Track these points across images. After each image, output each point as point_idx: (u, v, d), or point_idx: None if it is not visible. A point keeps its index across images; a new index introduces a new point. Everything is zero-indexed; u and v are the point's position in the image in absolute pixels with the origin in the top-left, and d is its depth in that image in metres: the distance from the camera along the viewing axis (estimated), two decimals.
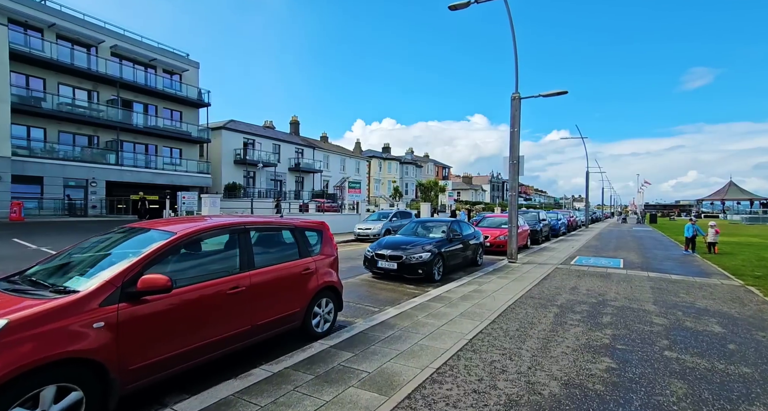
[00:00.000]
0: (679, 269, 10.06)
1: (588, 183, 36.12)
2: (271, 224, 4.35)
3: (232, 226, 3.65)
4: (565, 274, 8.98)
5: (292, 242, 4.37)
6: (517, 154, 10.84)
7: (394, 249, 8.27)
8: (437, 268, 8.34)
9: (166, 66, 28.94)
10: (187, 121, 30.70)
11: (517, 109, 10.76)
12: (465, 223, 10.93)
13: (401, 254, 8.04)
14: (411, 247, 8.29)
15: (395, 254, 8.09)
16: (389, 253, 8.14)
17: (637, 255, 13.10)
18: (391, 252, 8.16)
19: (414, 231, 9.88)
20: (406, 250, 8.14)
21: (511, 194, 10.97)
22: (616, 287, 7.50)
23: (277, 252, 4.23)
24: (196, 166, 30.79)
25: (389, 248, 8.34)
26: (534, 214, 18.76)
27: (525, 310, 5.69)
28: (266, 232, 4.25)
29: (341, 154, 50.83)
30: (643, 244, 17.38)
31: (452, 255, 9.09)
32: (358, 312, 5.87)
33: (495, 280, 8.09)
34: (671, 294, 6.93)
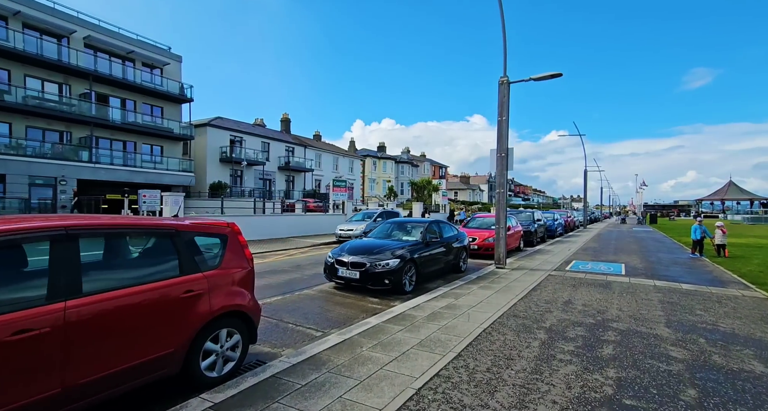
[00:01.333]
0: (689, 276, 8.85)
1: (586, 182, 34.97)
2: (127, 227, 3.09)
3: (41, 231, 2.40)
4: (559, 284, 7.75)
5: (170, 253, 3.13)
6: (505, 145, 9.62)
7: (359, 254, 7.03)
8: (408, 277, 7.10)
9: (145, 59, 27.63)
10: (169, 117, 29.38)
11: (506, 95, 9.54)
12: (447, 223, 9.71)
13: (364, 261, 6.80)
14: (378, 252, 7.05)
15: (357, 261, 6.85)
16: (351, 260, 6.90)
17: (640, 259, 11.89)
18: (353, 258, 6.92)
19: (387, 233, 8.64)
20: (370, 256, 6.90)
21: (499, 191, 9.75)
22: (618, 301, 6.27)
23: (137, 268, 3.00)
24: (179, 165, 29.46)
25: (353, 253, 7.10)
26: (528, 213, 17.55)
27: (503, 336, 4.45)
28: (118, 238, 3.00)
29: (334, 152, 49.60)
30: (645, 246, 16.18)
31: (429, 261, 7.86)
32: (292, 338, 4.63)
33: (475, 292, 6.86)
34: (686, 311, 5.70)
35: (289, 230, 18.16)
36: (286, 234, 17.95)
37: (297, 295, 6.68)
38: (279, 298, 6.40)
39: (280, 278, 8.28)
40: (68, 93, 23.48)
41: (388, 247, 7.26)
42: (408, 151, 70.55)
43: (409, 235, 8.26)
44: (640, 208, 62.44)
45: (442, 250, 8.57)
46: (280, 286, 7.43)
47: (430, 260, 7.95)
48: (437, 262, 8.33)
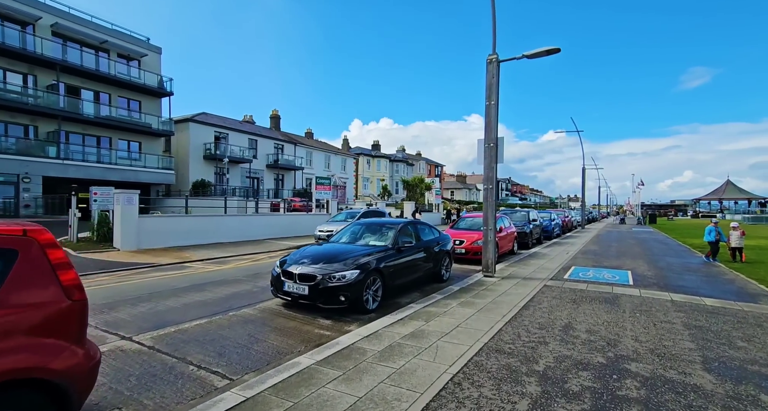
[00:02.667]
0: (709, 287, 7.56)
1: (584, 180, 33.74)
2: None
3: None
4: (556, 298, 6.43)
5: None
6: (494, 134, 8.29)
7: (311, 264, 5.67)
8: (372, 292, 5.76)
9: (121, 50, 26.14)
10: (148, 112, 27.93)
11: (495, 76, 8.20)
12: (426, 225, 8.37)
13: (315, 273, 5.44)
14: (335, 260, 5.70)
15: (307, 273, 5.49)
16: (299, 271, 5.54)
17: (647, 264, 10.60)
18: (302, 269, 5.56)
19: (355, 236, 7.29)
20: (324, 266, 5.55)
21: (487, 187, 8.41)
22: (632, 325, 4.95)
23: None
24: (158, 162, 28.02)
25: (305, 262, 5.74)
26: (523, 213, 16.25)
27: (478, 391, 3.12)
28: None
29: (326, 150, 48.21)
30: (649, 249, 14.91)
31: (401, 270, 6.53)
32: (177, 394, 3.27)
33: (454, 310, 5.52)
34: (723, 341, 4.39)
35: (267, 231, 16.78)
36: (263, 235, 16.57)
37: (229, 317, 5.33)
38: (203, 323, 5.04)
39: (222, 292, 6.91)
40: (34, 84, 21.98)
41: (349, 255, 5.91)
42: (403, 149, 69.29)
43: (378, 239, 6.92)
44: (638, 207, 61.47)
45: (419, 256, 7.24)
46: (216, 303, 6.07)
47: (403, 270, 6.62)
48: (412, 271, 6.99)
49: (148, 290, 6.90)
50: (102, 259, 10.01)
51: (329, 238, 7.57)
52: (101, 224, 11.91)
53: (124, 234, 11.48)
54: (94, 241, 12.01)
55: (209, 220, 14.71)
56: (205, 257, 11.47)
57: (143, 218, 12.29)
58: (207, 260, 11.12)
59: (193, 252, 12.31)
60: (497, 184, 38.18)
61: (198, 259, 11.21)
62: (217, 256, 11.74)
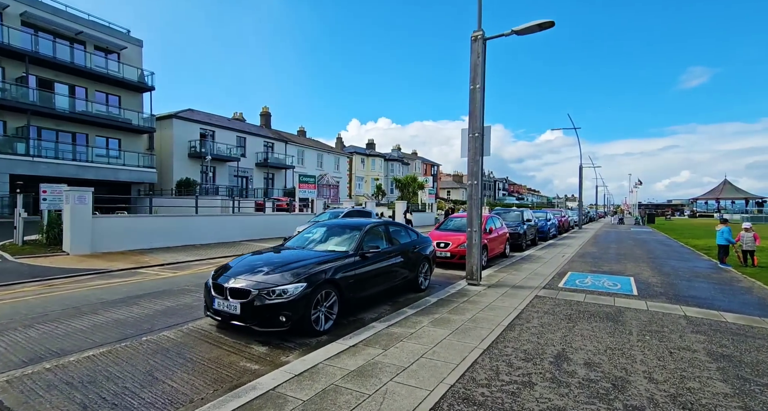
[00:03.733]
0: (725, 298, 6.56)
1: (581, 179, 32.79)
2: None
3: None
4: (549, 313, 5.41)
5: None
6: (479, 123, 7.26)
7: (249, 274, 4.62)
8: (325, 309, 4.71)
9: (98, 42, 24.95)
10: (128, 108, 26.73)
11: (480, 55, 7.17)
12: (401, 226, 7.34)
13: (248, 287, 4.39)
14: (279, 270, 4.65)
15: (239, 287, 4.43)
16: (231, 285, 4.48)
17: (651, 269, 9.61)
18: (234, 282, 4.51)
19: (314, 240, 6.24)
20: (262, 278, 4.49)
21: (471, 183, 7.37)
22: (641, 353, 3.94)
23: None
24: (138, 159, 26.83)
25: (244, 272, 4.69)
26: (516, 213, 15.25)
27: None
28: None
29: (319, 149, 47.11)
30: (651, 251, 13.94)
31: (365, 281, 5.49)
32: None
33: (422, 332, 4.49)
34: (765, 381, 3.37)
35: (243, 233, 15.71)
36: (239, 237, 15.50)
37: (140, 344, 4.27)
38: (98, 353, 3.97)
39: (156, 306, 5.85)
40: (1, 76, 20.78)
41: (298, 263, 4.86)
42: (399, 148, 68.31)
43: (340, 244, 5.87)
44: (635, 207, 60.68)
45: (391, 262, 6.21)
46: (136, 323, 5.01)
47: (369, 280, 5.58)
48: (382, 280, 5.96)
49: (65, 305, 5.83)
50: (41, 265, 8.91)
51: (285, 242, 6.52)
52: (51, 225, 10.82)
53: (75, 236, 10.38)
54: (43, 244, 10.91)
55: (178, 221, 13.62)
56: (165, 262, 10.40)
57: (99, 219, 11.19)
58: (166, 265, 10.06)
59: (154, 256, 11.23)
60: (487, 180, 36.78)
61: (157, 263, 10.14)
62: (180, 261, 10.67)
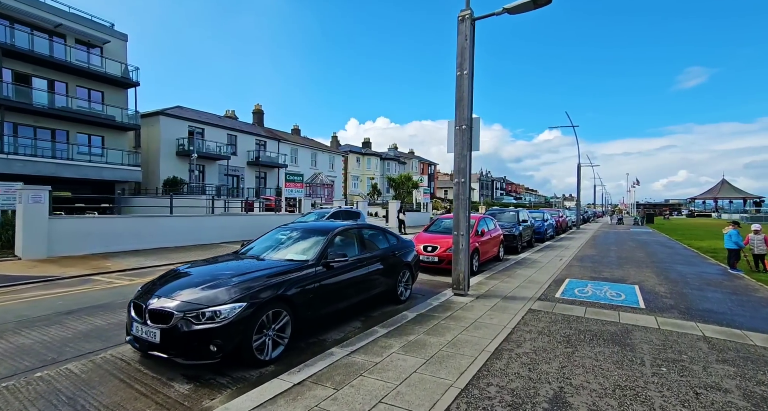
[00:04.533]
0: (744, 311, 5.76)
1: (579, 178, 32.06)
2: None
3: None
4: (544, 334, 4.60)
5: None
6: (467, 114, 6.43)
7: (179, 290, 3.77)
8: (274, 333, 3.88)
9: (79, 35, 23.99)
10: (112, 104, 25.77)
11: (468, 37, 6.34)
12: (378, 229, 6.51)
13: (171, 308, 3.55)
14: (215, 285, 3.81)
15: (160, 308, 3.59)
16: (153, 306, 3.64)
17: (656, 275, 8.81)
18: (155, 303, 3.65)
19: (273, 246, 5.39)
20: (194, 297, 3.65)
21: (458, 181, 6.54)
22: (659, 393, 3.12)
23: None
24: (122, 157, 25.88)
25: (173, 288, 3.85)
26: (512, 213, 14.44)
27: None
28: None
29: (313, 147, 46.18)
30: (653, 253, 13.16)
31: (331, 294, 4.67)
32: None
33: (388, 362, 3.67)
34: None
35: (222, 234, 14.85)
36: (217, 239, 14.63)
37: (29, 381, 3.42)
38: None
39: (82, 325, 5.01)
40: None
41: (243, 276, 4.02)
42: (395, 147, 67.49)
43: (301, 252, 5.02)
44: (633, 207, 60.07)
45: (365, 272, 5.39)
46: (40, 351, 4.16)
47: (333, 294, 4.75)
48: (352, 293, 5.13)
49: None
50: None
51: (242, 247, 5.67)
52: (5, 227, 9.93)
53: (29, 239, 9.51)
54: None
55: (150, 222, 12.75)
56: (129, 267, 9.55)
57: (59, 219, 10.32)
58: (129, 271, 9.20)
59: (118, 260, 10.37)
60: (485, 180, 35.54)
61: (118, 269, 9.28)
62: (145, 265, 9.82)
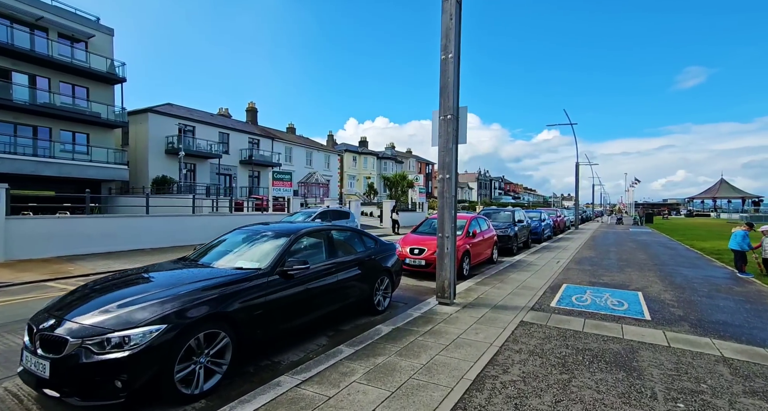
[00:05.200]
0: (764, 324, 5.11)
1: (578, 178, 31.47)
2: None
3: None
4: (536, 355, 3.93)
5: None
6: (453, 102, 5.76)
7: (90, 309, 3.08)
8: (206, 361, 3.20)
9: (62, 29, 23.24)
10: (98, 100, 25.02)
11: (453, 16, 5.66)
12: (353, 231, 5.85)
13: (66, 333, 2.84)
14: (131, 302, 3.12)
15: (53, 334, 2.88)
16: (45, 330, 2.93)
17: (660, 280, 8.16)
18: (49, 326, 2.95)
19: (224, 250, 4.70)
20: (96, 318, 2.95)
21: (442, 178, 5.87)
22: None
23: None
24: (108, 155, 25.14)
25: (83, 306, 3.16)
26: (507, 213, 13.79)
27: None
28: None
29: (308, 146, 45.49)
30: (655, 255, 12.52)
31: (286, 309, 4.01)
32: None
33: (347, 396, 3.00)
34: None
35: (204, 235, 14.13)
36: (198, 240, 13.90)
37: None
38: None
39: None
40: None
41: (172, 290, 3.33)
42: (393, 146, 66.84)
43: (254, 258, 4.34)
44: (631, 206, 59.56)
45: (333, 281, 4.73)
46: None
47: (292, 307, 4.08)
48: (317, 306, 4.46)
49: None
50: None
51: (196, 251, 4.99)
52: None
53: None
54: None
55: (124, 222, 12.05)
56: (93, 271, 8.87)
57: (19, 220, 9.63)
58: (92, 275, 8.51)
59: (84, 263, 9.68)
60: (483, 179, 34.43)
61: (81, 273, 8.60)
62: (113, 269, 9.12)
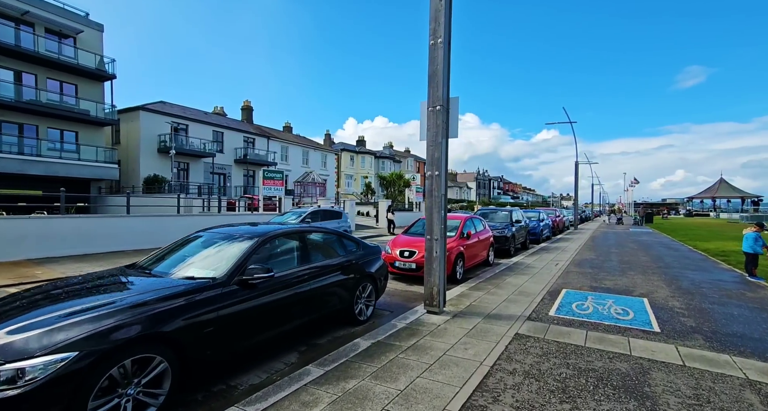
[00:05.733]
0: None
1: (577, 177, 30.97)
2: None
3: None
4: (531, 377, 3.41)
5: None
6: (442, 92, 5.23)
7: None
8: (136, 392, 2.67)
9: (49, 24, 22.65)
10: (87, 97, 24.44)
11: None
12: (337, 233, 5.31)
13: None
14: (33, 323, 2.58)
15: None
16: None
17: (666, 284, 7.65)
18: None
19: (177, 256, 4.17)
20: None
21: (431, 175, 5.35)
22: None
23: None
24: (98, 154, 24.56)
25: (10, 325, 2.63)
26: (504, 213, 13.27)
27: None
28: None
29: (304, 145, 44.91)
30: (658, 257, 12.01)
31: (245, 324, 3.50)
32: None
33: None
34: None
35: None
36: None
37: None
38: None
39: None
40: None
41: (92, 311, 2.79)
42: (391, 145, 66.30)
43: (211, 265, 3.81)
44: (630, 206, 59.14)
45: (306, 289, 4.21)
46: None
47: (252, 322, 3.56)
48: (287, 318, 3.94)
49: None
50: None
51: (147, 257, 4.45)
52: None
53: None
54: None
55: (102, 223, 11.51)
56: (63, 274, 8.34)
57: None
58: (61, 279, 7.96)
59: (54, 267, 9.14)
60: (482, 179, 33.58)
61: (48, 277, 8.05)
62: (84, 273, 8.57)
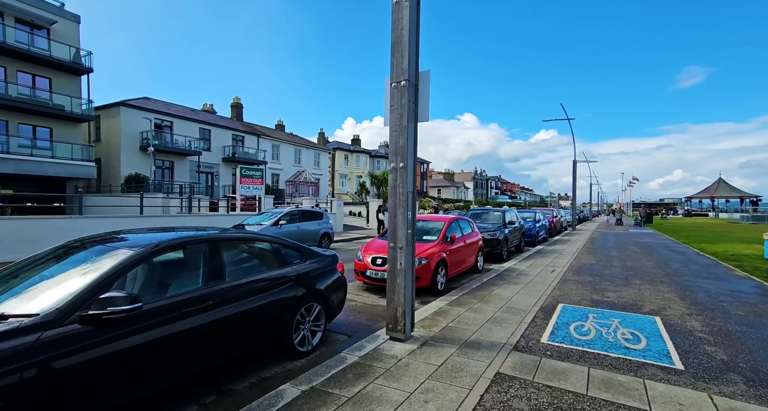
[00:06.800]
0: None
1: (575, 176, 29.99)
2: None
3: None
4: None
5: None
6: (407, 64, 4.16)
7: None
8: None
9: (20, 14, 21.49)
10: (62, 92, 23.27)
11: None
12: (276, 240, 4.24)
13: None
14: None
15: None
16: None
17: (678, 296, 6.61)
18: None
19: (20, 279, 3.10)
20: None
21: (394, 167, 4.28)
22: None
23: None
24: (73, 151, 23.39)
25: None
26: (497, 214, 12.21)
27: None
28: None
29: (296, 144, 43.79)
30: (665, 262, 10.98)
31: (93, 378, 2.40)
32: None
33: None
34: None
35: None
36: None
37: None
38: None
39: None
40: None
41: None
42: (386, 145, 65.17)
43: (44, 295, 2.73)
44: (628, 205, 58.31)
45: (214, 319, 3.16)
46: None
47: (105, 374, 2.48)
48: (174, 362, 2.88)
49: None
50: None
51: None
52: None
53: None
54: None
55: (47, 225, 10.41)
56: None
57: None
58: None
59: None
60: (479, 178, 32.08)
61: None
62: None
